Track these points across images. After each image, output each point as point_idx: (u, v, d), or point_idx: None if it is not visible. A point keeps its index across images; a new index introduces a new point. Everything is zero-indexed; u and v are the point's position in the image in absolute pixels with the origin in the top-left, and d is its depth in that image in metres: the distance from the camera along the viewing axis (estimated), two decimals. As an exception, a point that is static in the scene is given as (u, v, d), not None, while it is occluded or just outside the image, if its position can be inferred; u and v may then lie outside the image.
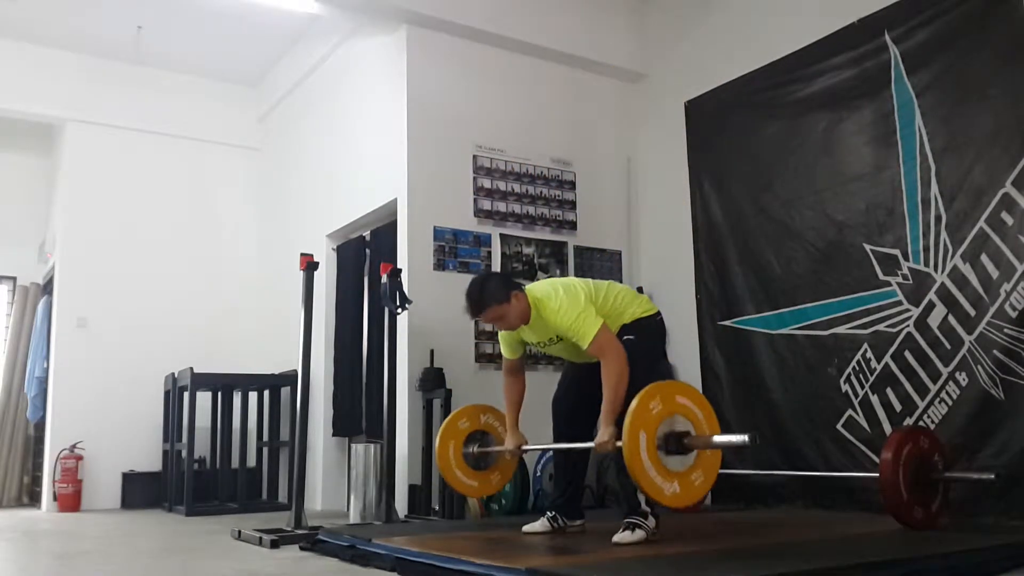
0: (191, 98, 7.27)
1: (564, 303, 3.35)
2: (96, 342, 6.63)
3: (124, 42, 6.63)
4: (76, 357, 6.58)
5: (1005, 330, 3.89)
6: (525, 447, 3.73)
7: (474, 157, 5.46)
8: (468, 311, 3.48)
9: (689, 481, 2.88)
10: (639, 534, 3.15)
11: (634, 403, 2.83)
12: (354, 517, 4.76)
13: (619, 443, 2.91)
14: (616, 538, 3.14)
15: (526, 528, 3.54)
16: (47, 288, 7.24)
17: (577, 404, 3.61)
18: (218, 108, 7.43)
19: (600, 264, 5.83)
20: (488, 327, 4.98)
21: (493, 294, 3.40)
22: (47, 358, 6.77)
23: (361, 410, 5.81)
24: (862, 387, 4.46)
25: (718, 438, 2.96)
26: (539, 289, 3.49)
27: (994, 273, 3.95)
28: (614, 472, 3.54)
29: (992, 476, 3.53)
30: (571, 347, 3.43)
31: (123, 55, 6.81)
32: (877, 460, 3.68)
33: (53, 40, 6.64)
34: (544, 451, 4.38)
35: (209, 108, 7.37)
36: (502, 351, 3.72)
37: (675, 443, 2.86)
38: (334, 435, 6.03)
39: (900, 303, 4.33)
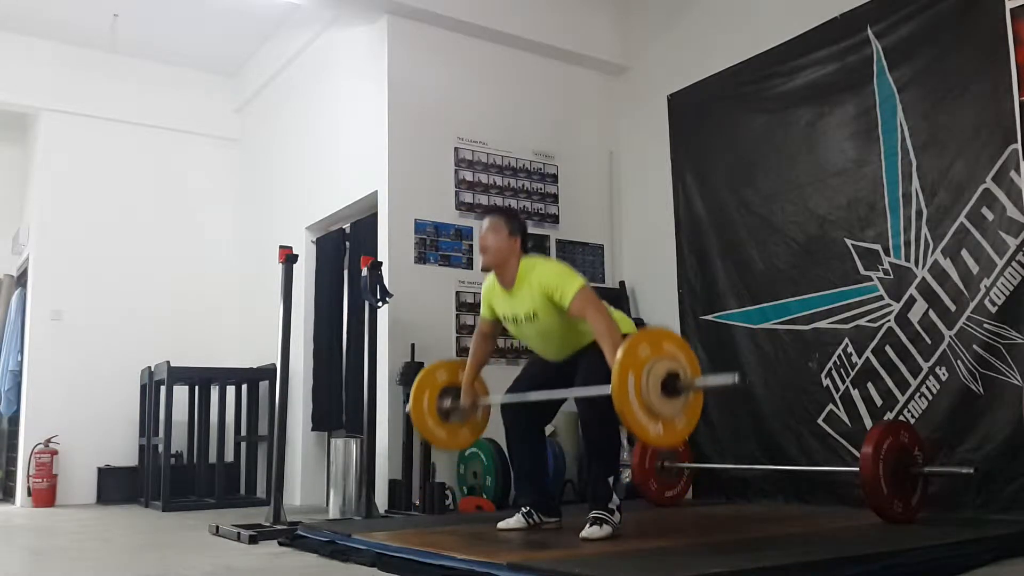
0: (168, 88, 7.18)
1: (555, 265, 3.47)
2: (71, 335, 6.55)
3: (100, 30, 6.53)
4: (51, 350, 6.50)
5: (985, 325, 3.91)
6: (482, 401, 3.74)
7: (456, 149, 5.42)
8: (490, 208, 3.70)
9: (673, 423, 2.91)
10: (606, 530, 3.15)
11: (622, 348, 2.85)
12: (333, 512, 4.72)
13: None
14: (584, 534, 3.12)
15: (501, 524, 3.51)
16: (21, 280, 7.14)
17: (529, 407, 3.54)
18: (196, 98, 7.35)
19: (582, 258, 5.82)
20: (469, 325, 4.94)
21: (510, 220, 3.49)
22: (21, 351, 6.68)
23: (340, 404, 5.77)
24: (843, 381, 4.48)
25: (707, 379, 3.03)
26: (535, 257, 3.51)
27: (974, 268, 3.97)
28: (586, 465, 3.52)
29: (971, 470, 3.55)
30: (545, 329, 3.38)
31: (99, 44, 6.72)
32: (857, 454, 3.69)
33: (27, 28, 6.53)
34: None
35: (186, 98, 7.28)
36: (481, 311, 3.72)
37: (668, 385, 2.88)
38: (313, 430, 5.99)
39: (881, 298, 4.35)
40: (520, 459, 3.64)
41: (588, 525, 3.16)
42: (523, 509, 3.54)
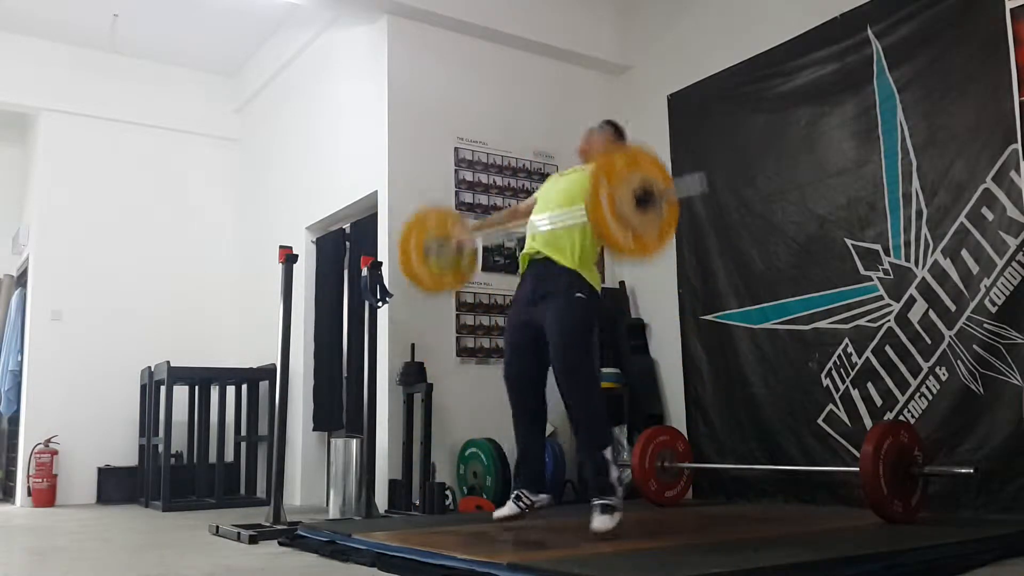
0: (168, 88, 7.18)
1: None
2: (71, 335, 6.55)
3: (100, 30, 6.53)
4: (51, 350, 6.50)
5: (985, 325, 3.91)
6: (470, 240, 3.92)
7: (456, 149, 5.42)
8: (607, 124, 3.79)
9: (644, 235, 3.03)
10: (617, 518, 3.14)
11: (597, 160, 3.04)
12: (333, 512, 4.72)
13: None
14: (595, 526, 3.12)
15: (496, 514, 3.54)
16: (21, 280, 7.13)
17: (527, 367, 3.55)
18: (196, 98, 7.34)
19: None
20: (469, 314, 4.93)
21: (617, 131, 3.74)
22: (21, 351, 6.67)
23: (341, 404, 5.77)
24: (843, 381, 4.48)
25: (677, 187, 3.22)
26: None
27: (974, 268, 3.97)
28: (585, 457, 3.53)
29: (971, 470, 3.54)
30: (563, 189, 3.50)
31: (99, 44, 6.72)
32: (857, 454, 3.69)
33: (27, 28, 6.53)
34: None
35: (186, 98, 7.28)
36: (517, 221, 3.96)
37: (641, 197, 3.01)
38: (314, 430, 5.99)
39: (881, 298, 4.35)
40: (524, 432, 3.63)
41: (598, 512, 3.15)
42: (513, 494, 3.55)
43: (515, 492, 3.55)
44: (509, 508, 3.53)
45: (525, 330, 3.53)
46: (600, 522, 3.13)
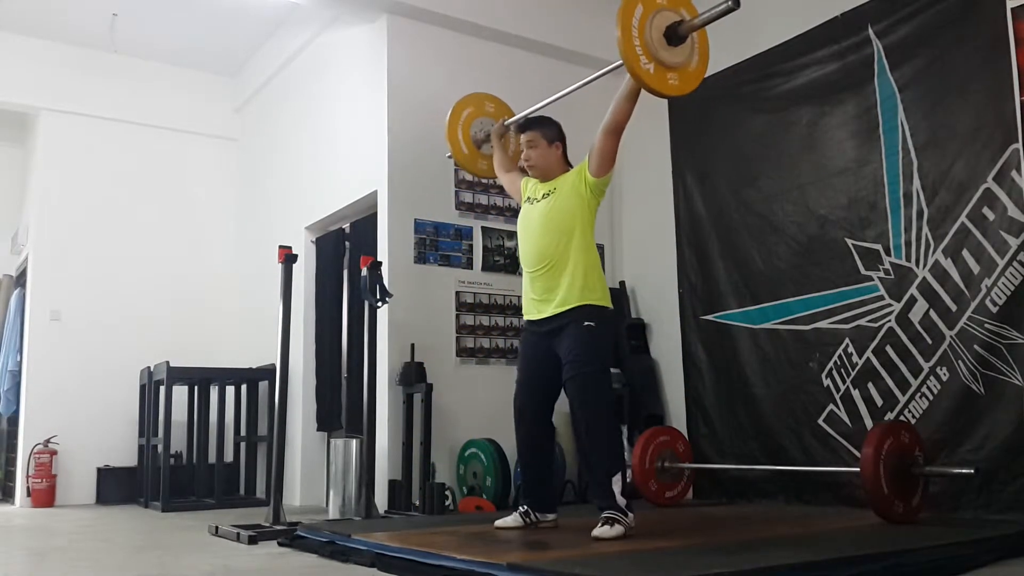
0: (168, 87, 7.18)
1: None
2: (70, 335, 6.54)
3: (99, 30, 6.52)
4: (50, 350, 6.49)
5: (986, 325, 3.90)
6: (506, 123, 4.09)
7: (456, 149, 5.41)
8: (526, 121, 3.74)
9: (686, 69, 3.08)
10: (618, 529, 3.11)
11: (621, 9, 3.12)
12: (333, 513, 4.72)
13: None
14: (596, 532, 3.10)
15: (498, 523, 3.51)
16: (20, 280, 7.13)
17: (534, 394, 3.54)
18: (195, 98, 7.34)
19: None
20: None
21: (545, 129, 3.62)
22: (20, 351, 6.67)
23: (340, 405, 5.76)
24: (843, 382, 4.47)
25: (705, 14, 3.10)
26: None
27: (975, 268, 3.96)
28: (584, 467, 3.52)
29: (972, 471, 3.54)
30: (549, 214, 3.44)
31: (98, 43, 6.71)
32: (858, 455, 3.68)
33: (26, 27, 6.53)
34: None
35: (186, 98, 7.28)
36: (496, 172, 4.04)
37: (671, 33, 3.03)
38: (318, 430, 5.98)
39: (882, 298, 4.34)
40: (528, 455, 3.60)
41: (600, 524, 3.13)
42: (520, 508, 3.53)
43: (523, 508, 3.52)
44: (513, 519, 3.51)
45: (537, 364, 3.50)
46: (602, 531, 3.11)
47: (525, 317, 3.58)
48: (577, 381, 3.27)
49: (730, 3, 2.98)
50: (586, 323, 3.33)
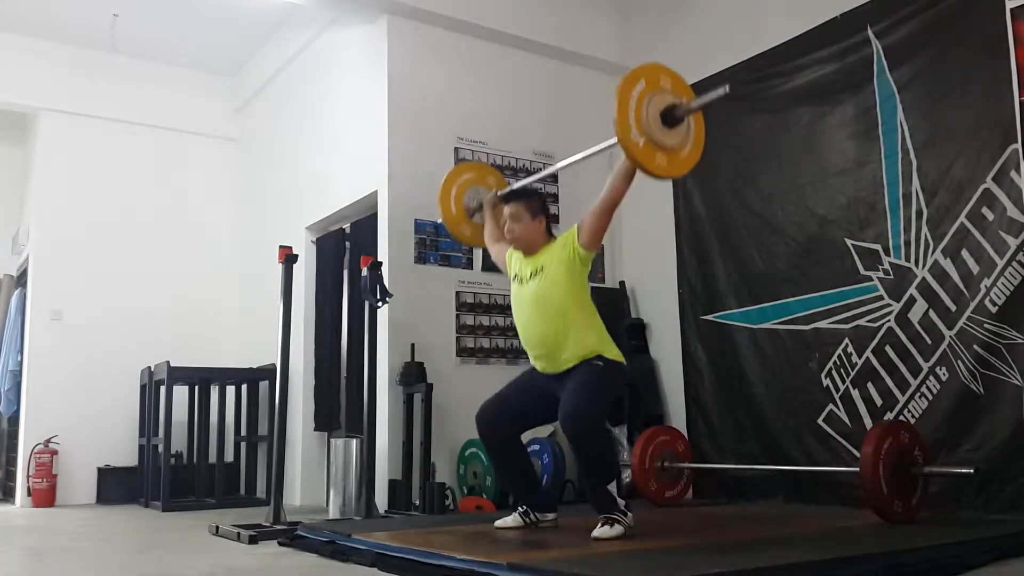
0: (168, 88, 7.18)
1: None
2: (71, 335, 6.54)
3: (100, 30, 6.53)
4: (51, 350, 6.49)
5: (985, 325, 3.91)
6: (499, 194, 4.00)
7: (456, 149, 5.42)
8: (509, 192, 3.78)
9: (677, 153, 3.12)
10: (618, 529, 3.12)
11: (619, 88, 3.06)
12: (333, 512, 4.72)
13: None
14: (595, 533, 3.11)
15: (498, 523, 3.52)
16: (21, 280, 7.13)
17: (513, 418, 3.54)
18: (195, 98, 7.34)
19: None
20: (472, 321, 4.93)
21: (529, 203, 3.56)
22: (21, 351, 6.67)
23: (340, 405, 5.76)
24: (843, 382, 4.47)
25: (701, 99, 3.15)
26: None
27: (975, 268, 3.97)
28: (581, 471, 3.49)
29: (971, 470, 3.55)
30: (543, 291, 3.40)
31: (99, 43, 6.71)
32: (858, 454, 3.69)
33: (27, 27, 6.53)
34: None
35: (186, 98, 7.28)
36: (486, 242, 3.99)
37: (667, 116, 3.06)
38: (316, 430, 5.98)
39: (881, 298, 4.34)
40: (505, 469, 3.62)
41: (599, 525, 3.14)
42: (520, 509, 3.54)
43: (523, 509, 3.53)
44: (513, 519, 3.52)
45: (528, 392, 3.50)
46: (601, 532, 3.12)
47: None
48: (569, 421, 3.21)
49: (724, 89, 3.07)
50: (595, 361, 3.31)
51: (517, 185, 4.14)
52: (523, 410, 3.52)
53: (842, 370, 4.48)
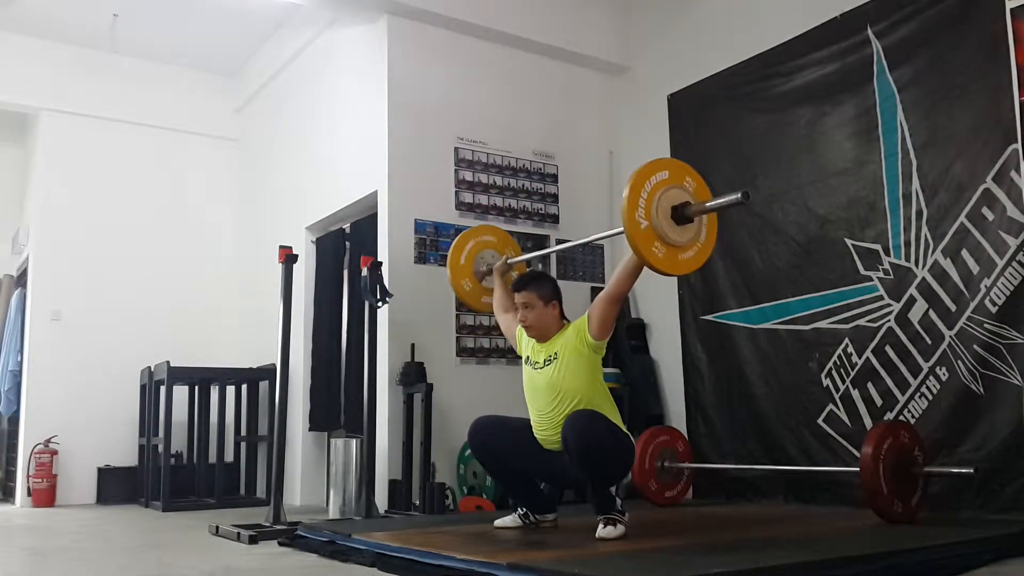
0: (168, 88, 7.18)
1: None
2: (71, 335, 6.54)
3: (100, 30, 6.52)
4: (51, 350, 6.49)
5: (985, 325, 3.91)
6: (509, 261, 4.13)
7: (455, 149, 5.42)
8: (519, 280, 3.61)
9: (683, 250, 3.11)
10: (620, 529, 3.14)
11: (631, 179, 3.02)
12: (333, 512, 4.72)
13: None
14: (600, 534, 3.12)
15: (498, 523, 3.53)
16: (21, 280, 7.13)
17: (498, 426, 3.58)
18: (195, 98, 7.34)
19: (582, 258, 5.82)
20: (471, 322, 4.94)
21: (540, 289, 3.49)
22: (21, 351, 6.67)
23: (340, 404, 5.76)
24: (843, 381, 4.47)
25: (715, 201, 3.12)
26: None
27: (975, 268, 3.97)
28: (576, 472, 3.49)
29: (971, 470, 3.56)
30: (556, 378, 3.37)
31: (99, 43, 6.71)
32: (858, 454, 3.69)
33: (27, 28, 6.53)
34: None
35: (186, 98, 7.28)
36: (495, 310, 4.01)
37: (678, 212, 3.04)
38: (310, 429, 5.98)
39: (881, 298, 4.34)
40: (500, 478, 3.65)
41: (602, 525, 3.15)
42: (519, 510, 3.54)
43: (522, 510, 3.54)
44: (513, 520, 3.53)
45: (532, 452, 3.49)
46: (605, 532, 3.12)
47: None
48: (575, 427, 3.20)
49: (739, 197, 3.03)
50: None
51: (525, 257, 4.25)
52: (520, 450, 3.51)
53: (842, 370, 4.48)
